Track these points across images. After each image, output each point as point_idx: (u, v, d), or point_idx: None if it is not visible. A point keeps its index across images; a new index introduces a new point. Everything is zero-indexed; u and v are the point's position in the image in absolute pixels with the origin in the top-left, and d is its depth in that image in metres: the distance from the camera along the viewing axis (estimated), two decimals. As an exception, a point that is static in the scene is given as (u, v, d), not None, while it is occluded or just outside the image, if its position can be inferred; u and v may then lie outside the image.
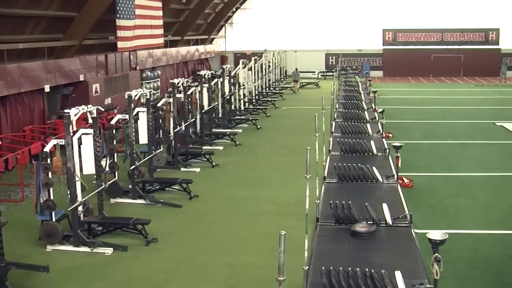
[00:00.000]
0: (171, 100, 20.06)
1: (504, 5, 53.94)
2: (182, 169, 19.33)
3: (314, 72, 54.03)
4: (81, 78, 26.49)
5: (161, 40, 36.18)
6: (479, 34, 55.27)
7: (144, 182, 16.79)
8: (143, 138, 17.36)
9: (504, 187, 17.24)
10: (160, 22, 35.40)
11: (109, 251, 12.28)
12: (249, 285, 10.80)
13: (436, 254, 8.87)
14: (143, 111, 17.19)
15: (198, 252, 12.33)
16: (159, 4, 34.85)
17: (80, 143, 13.07)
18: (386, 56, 56.22)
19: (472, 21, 54.65)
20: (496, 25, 54.79)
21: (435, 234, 9.14)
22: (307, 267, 9.61)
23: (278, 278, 6.64)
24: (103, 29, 29.11)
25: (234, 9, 54.43)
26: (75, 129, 12.80)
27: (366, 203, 13.32)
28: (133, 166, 15.95)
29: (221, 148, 22.74)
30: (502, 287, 10.46)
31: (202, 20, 47.77)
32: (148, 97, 17.61)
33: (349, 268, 9.88)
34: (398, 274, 9.68)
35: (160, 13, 35.18)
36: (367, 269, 9.77)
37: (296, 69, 48.14)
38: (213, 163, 19.89)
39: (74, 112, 12.73)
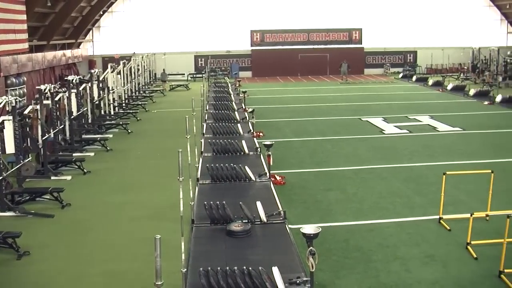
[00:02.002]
0: (38, 107, 19.45)
1: (366, 6, 56.79)
2: (52, 177, 18.76)
3: (184, 74, 54.01)
4: None
5: (25, 45, 34.94)
6: (343, 33, 57.44)
7: (13, 193, 16.17)
8: (10, 148, 16.70)
9: (371, 179, 17.93)
10: (24, 26, 34.18)
11: (-23, 267, 11.75)
12: (128, 291, 10.67)
13: (311, 247, 9.13)
14: (9, 120, 16.54)
15: (74, 262, 12.00)
16: (23, 8, 33.63)
17: None
18: (254, 57, 57.03)
19: (337, 22, 56.84)
20: (359, 25, 57.27)
21: (309, 229, 9.41)
22: (185, 269, 9.62)
23: (156, 283, 6.61)
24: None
25: (101, 12, 53.34)
26: None
27: (240, 202, 13.53)
28: (0, 177, 15.34)
29: (92, 154, 22.26)
30: (373, 274, 10.87)
31: (68, 24, 46.52)
32: (13, 104, 16.95)
33: (227, 268, 10.00)
34: (275, 270, 9.88)
35: (24, 17, 33.96)
36: (244, 267, 9.92)
37: (164, 69, 48.87)
38: (85, 170, 19.44)
39: None
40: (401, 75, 54.42)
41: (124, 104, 34.81)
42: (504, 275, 10.57)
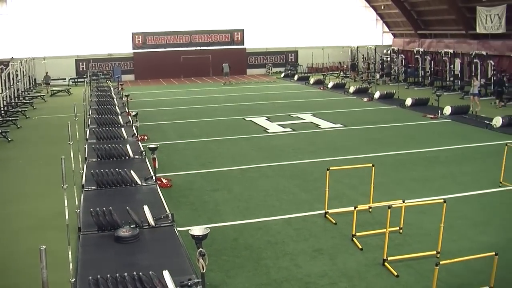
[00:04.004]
0: None
1: (247, 8, 57.62)
2: None
3: (65, 79, 52.70)
4: None
5: None
6: (225, 35, 57.76)
7: None
8: None
9: (257, 178, 18.15)
10: None
11: None
12: (13, 306, 10.31)
13: (200, 249, 9.17)
14: None
15: (-47, 279, 11.49)
16: None
17: None
18: (136, 60, 56.35)
19: (219, 23, 57.20)
20: (241, 26, 57.80)
21: (197, 230, 9.45)
22: (74, 279, 9.45)
23: (43, 295, 6.46)
24: None
25: (-27, 16, 51.19)
26: None
27: (127, 207, 13.39)
28: None
29: (-31, 165, 21.41)
30: (263, 271, 11.02)
31: None
32: None
33: (117, 274, 9.88)
34: (166, 273, 9.86)
35: None
36: (135, 273, 9.84)
37: (47, 72, 48.43)
38: (-38, 182, 18.66)
39: None
40: (283, 74, 55.49)
41: (2, 111, 33.55)
42: (388, 262, 11.04)
